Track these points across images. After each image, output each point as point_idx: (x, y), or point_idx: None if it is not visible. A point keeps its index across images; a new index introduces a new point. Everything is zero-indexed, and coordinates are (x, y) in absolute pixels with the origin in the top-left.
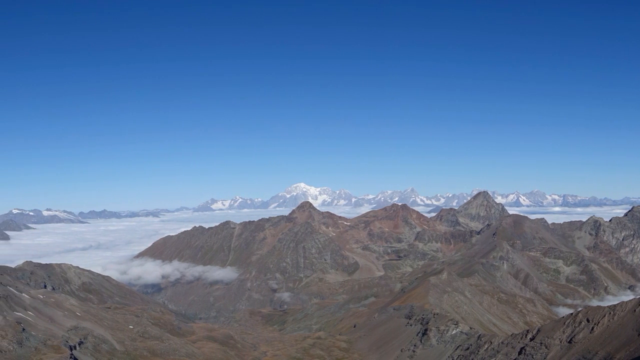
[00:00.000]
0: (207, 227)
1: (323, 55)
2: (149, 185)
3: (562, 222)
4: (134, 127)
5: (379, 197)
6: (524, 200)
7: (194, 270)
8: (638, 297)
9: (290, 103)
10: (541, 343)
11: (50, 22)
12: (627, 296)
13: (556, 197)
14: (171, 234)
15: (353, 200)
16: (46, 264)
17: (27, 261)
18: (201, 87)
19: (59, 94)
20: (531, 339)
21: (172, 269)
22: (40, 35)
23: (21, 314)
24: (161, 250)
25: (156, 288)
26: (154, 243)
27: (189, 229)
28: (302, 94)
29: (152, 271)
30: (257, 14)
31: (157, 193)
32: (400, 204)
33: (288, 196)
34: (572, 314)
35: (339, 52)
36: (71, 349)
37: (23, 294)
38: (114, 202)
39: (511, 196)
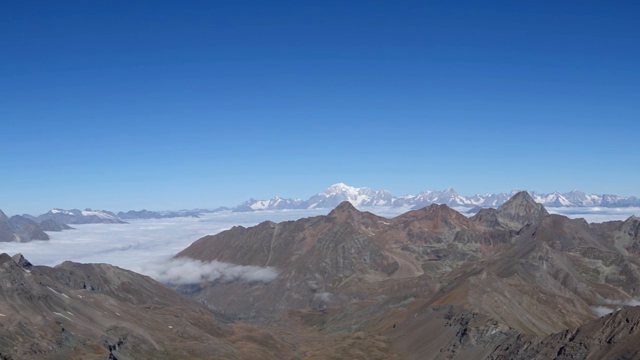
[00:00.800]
0: (246, 227)
1: (364, 56)
2: (189, 185)
3: (601, 222)
4: (174, 128)
5: (418, 197)
6: (563, 200)
7: (234, 270)
8: None
9: (330, 103)
10: (580, 343)
11: (83, 22)
12: None
13: (595, 197)
14: (211, 234)
15: (392, 200)
16: (85, 264)
17: (66, 261)
18: (241, 87)
19: (99, 94)
20: (570, 339)
21: (211, 269)
22: (79, 35)
23: (61, 314)
24: (200, 250)
25: (195, 288)
26: (193, 243)
27: (228, 229)
28: (343, 94)
29: (192, 271)
30: (303, 13)
31: (197, 193)
32: (439, 204)
33: (327, 196)
34: (611, 314)
35: (380, 52)
36: (110, 349)
37: (62, 294)
38: (153, 202)
39: (550, 196)
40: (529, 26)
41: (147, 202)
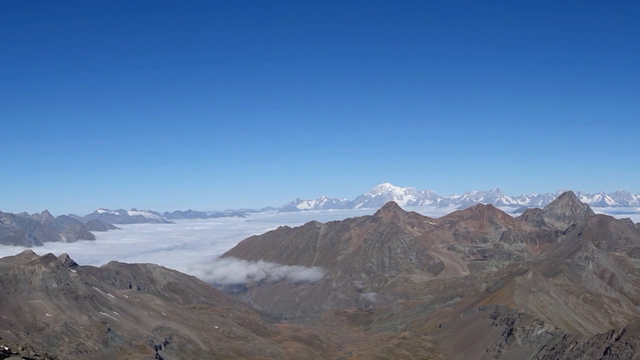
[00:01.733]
0: (292, 227)
1: (410, 56)
2: (235, 185)
3: None
4: (220, 128)
5: (464, 197)
6: (609, 200)
7: (280, 270)
8: None
9: (376, 103)
10: (626, 343)
11: (132, 23)
12: None
13: None
14: (257, 234)
15: (438, 200)
16: (131, 264)
17: (112, 261)
18: (287, 88)
19: (147, 95)
20: (616, 339)
21: (257, 269)
22: (122, 35)
23: (107, 314)
24: (246, 250)
25: (241, 288)
26: (239, 243)
27: (274, 229)
28: (389, 94)
29: (238, 271)
30: (345, 13)
31: (243, 193)
32: (485, 204)
33: (373, 196)
34: None
35: (425, 52)
36: (157, 349)
37: (108, 294)
38: (199, 202)
39: (596, 196)
40: (576, 26)
41: (193, 202)
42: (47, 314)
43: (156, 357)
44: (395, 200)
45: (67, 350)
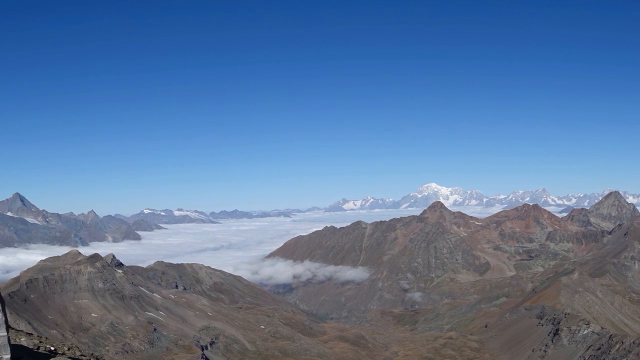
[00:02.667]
0: (338, 227)
1: (454, 55)
2: (281, 185)
3: None
4: (267, 128)
5: (510, 197)
6: None
7: (325, 270)
8: None
9: (422, 103)
10: None
11: (177, 23)
12: None
13: None
14: (302, 234)
15: (484, 200)
16: (177, 264)
17: (158, 261)
18: (333, 87)
19: (191, 95)
20: None
21: (303, 269)
22: (178, 35)
23: (153, 314)
24: (292, 250)
25: (287, 288)
26: (285, 243)
27: (320, 229)
28: (436, 94)
29: (284, 271)
30: (392, 13)
31: (289, 193)
32: (531, 204)
33: (419, 196)
34: None
35: (471, 52)
36: (203, 349)
37: (154, 294)
38: (245, 202)
39: None
40: (619, 26)
41: (239, 202)
42: (93, 314)
43: (202, 357)
44: (441, 200)
45: (113, 350)
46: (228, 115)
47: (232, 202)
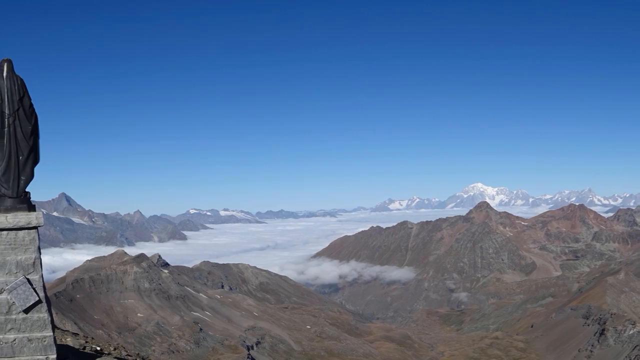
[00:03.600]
0: (384, 227)
1: (499, 55)
2: (327, 185)
3: None
4: (313, 128)
5: (556, 197)
6: None
7: (372, 270)
8: None
9: (468, 103)
10: None
11: (225, 23)
12: None
13: None
14: (348, 234)
15: (530, 200)
16: (223, 264)
17: (204, 261)
18: (380, 87)
19: (236, 94)
20: None
21: (349, 269)
22: (222, 35)
23: (199, 314)
24: (338, 250)
25: (333, 288)
26: (331, 243)
27: (366, 229)
28: (481, 94)
29: (330, 271)
30: (433, 13)
31: (335, 193)
32: (577, 204)
33: (465, 196)
34: None
35: (515, 52)
36: (248, 349)
37: (200, 294)
38: (291, 202)
39: None
40: None
41: (285, 202)
42: (139, 314)
43: (248, 357)
44: (487, 200)
45: (159, 350)
46: (274, 116)
47: (278, 202)
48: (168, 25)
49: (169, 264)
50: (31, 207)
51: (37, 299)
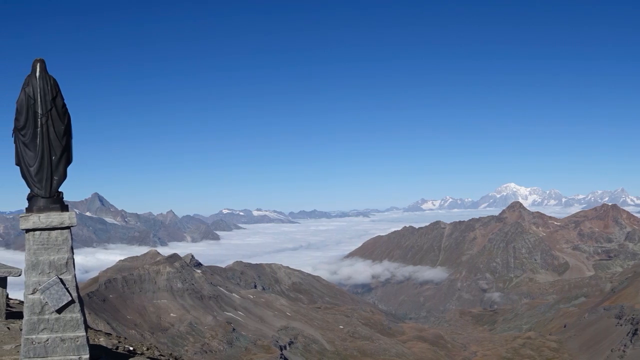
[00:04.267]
0: (417, 227)
1: (533, 56)
2: (360, 185)
3: None
4: (344, 128)
5: (589, 197)
6: None
7: (404, 270)
8: None
9: (500, 103)
10: None
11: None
12: None
13: None
14: (381, 234)
15: (563, 200)
16: (256, 264)
17: (237, 261)
18: (411, 87)
19: (271, 94)
20: None
21: (382, 269)
22: (255, 34)
23: (231, 314)
24: (371, 250)
25: (366, 288)
26: (364, 243)
27: (399, 229)
28: (514, 94)
29: (362, 271)
30: (471, 13)
31: (368, 193)
32: (610, 204)
33: (498, 196)
34: None
35: (547, 52)
36: (281, 349)
37: (233, 294)
38: (324, 202)
39: None
40: None
41: (318, 202)
42: (171, 314)
43: (281, 357)
44: (520, 200)
45: (192, 350)
46: (307, 116)
47: (310, 202)
48: (198, 24)
49: (201, 264)
50: (64, 207)
51: (70, 299)
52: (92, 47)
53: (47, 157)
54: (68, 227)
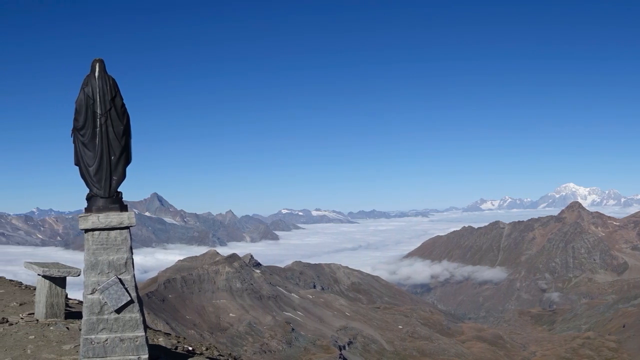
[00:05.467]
0: (476, 227)
1: (590, 55)
2: (419, 185)
3: None
4: (405, 127)
5: None
6: None
7: (463, 270)
8: None
9: (560, 102)
10: None
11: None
12: None
13: None
14: (440, 234)
15: (622, 200)
16: (315, 264)
17: (296, 261)
18: (471, 86)
19: (328, 94)
20: None
21: (441, 269)
22: (309, 34)
23: (291, 314)
24: (430, 250)
25: (425, 288)
26: (423, 243)
27: (458, 229)
28: (573, 94)
29: (421, 271)
30: (519, 13)
31: (427, 193)
32: None
33: (557, 196)
34: None
35: (608, 52)
36: (340, 349)
37: (292, 294)
38: (383, 202)
39: None
40: None
41: (377, 202)
42: (230, 314)
43: (340, 357)
44: (579, 200)
45: (251, 350)
46: (367, 116)
47: (370, 202)
48: (257, 25)
49: (260, 264)
50: (123, 207)
51: (129, 299)
52: (150, 46)
53: (106, 157)
54: (127, 227)
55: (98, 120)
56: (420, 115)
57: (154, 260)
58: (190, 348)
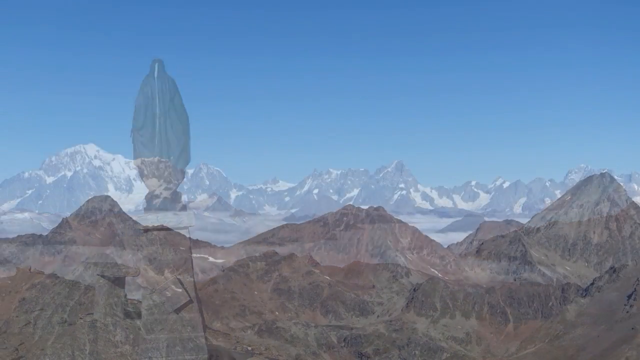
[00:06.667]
0: None
1: None
2: None
3: None
4: None
5: None
6: None
7: None
8: None
9: None
10: None
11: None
12: None
13: None
14: None
15: None
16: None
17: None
18: None
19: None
20: None
21: None
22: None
23: None
24: None
25: None
26: None
27: None
28: None
29: None
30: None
31: None
32: None
33: None
34: None
35: None
36: None
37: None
38: None
39: None
40: None
41: None
42: (287, 314)
43: None
44: None
45: (309, 351)
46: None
47: None
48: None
49: (319, 264)
50: (182, 207)
51: (188, 298)
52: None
53: (164, 157)
54: (186, 227)
55: (157, 120)
56: None
57: (213, 260)
58: (249, 348)
